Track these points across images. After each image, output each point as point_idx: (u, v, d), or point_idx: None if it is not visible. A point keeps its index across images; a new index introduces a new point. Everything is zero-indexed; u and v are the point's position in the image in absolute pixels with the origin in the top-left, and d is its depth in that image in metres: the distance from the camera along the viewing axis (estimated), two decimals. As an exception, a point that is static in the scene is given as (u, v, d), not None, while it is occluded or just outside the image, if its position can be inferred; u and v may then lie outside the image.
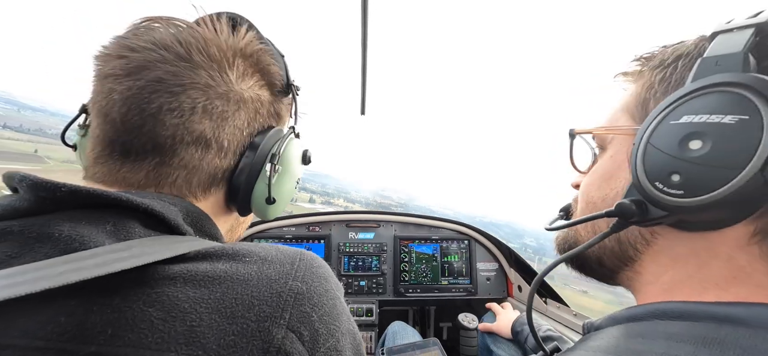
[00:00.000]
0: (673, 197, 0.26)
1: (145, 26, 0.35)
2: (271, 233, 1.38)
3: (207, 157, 0.37)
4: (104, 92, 0.33)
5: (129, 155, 0.34)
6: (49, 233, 0.27)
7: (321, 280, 0.33)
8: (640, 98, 0.33)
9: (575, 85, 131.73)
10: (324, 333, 0.30)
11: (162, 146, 0.34)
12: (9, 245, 0.26)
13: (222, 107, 0.36)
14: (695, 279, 0.29)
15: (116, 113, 0.33)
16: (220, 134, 0.37)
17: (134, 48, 0.33)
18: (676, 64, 0.31)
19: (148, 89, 0.32)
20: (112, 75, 0.33)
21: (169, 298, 0.25)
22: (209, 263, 0.29)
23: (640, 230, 0.32)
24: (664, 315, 0.28)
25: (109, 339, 0.23)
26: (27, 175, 0.29)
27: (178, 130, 0.34)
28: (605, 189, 0.35)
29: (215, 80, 0.35)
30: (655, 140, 0.28)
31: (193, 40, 0.35)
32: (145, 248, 0.27)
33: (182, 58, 0.34)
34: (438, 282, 1.39)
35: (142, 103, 0.33)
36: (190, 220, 0.35)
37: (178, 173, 0.36)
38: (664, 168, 0.27)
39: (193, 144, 0.35)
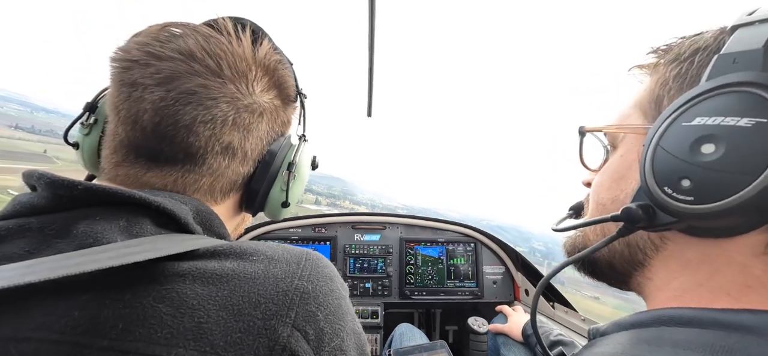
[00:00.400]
0: (683, 203, 0.25)
1: (168, 32, 0.35)
2: (278, 234, 1.39)
3: (232, 164, 0.40)
4: (132, 99, 0.34)
5: (157, 160, 0.36)
6: (68, 229, 0.28)
7: (326, 280, 0.33)
8: (654, 94, 0.32)
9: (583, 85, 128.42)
10: (329, 333, 0.31)
11: (194, 155, 0.36)
12: (27, 241, 0.27)
13: (248, 118, 0.39)
14: (706, 287, 0.28)
15: (147, 121, 0.34)
16: (245, 143, 0.40)
17: (161, 57, 0.34)
18: (692, 59, 0.29)
19: (181, 101, 0.34)
20: (141, 84, 0.33)
21: (178, 295, 0.26)
22: (217, 261, 0.29)
23: (650, 235, 0.31)
24: (671, 321, 0.28)
25: (121, 333, 0.24)
26: (45, 173, 0.30)
27: (210, 141, 0.36)
28: (615, 190, 0.34)
29: (242, 93, 0.37)
30: (665, 143, 0.27)
31: (222, 52, 0.36)
32: (156, 244, 0.28)
33: (213, 71, 0.35)
34: (444, 284, 1.38)
35: (176, 114, 0.34)
36: (199, 219, 0.35)
37: (205, 180, 0.38)
38: (673, 173, 0.26)
39: (221, 153, 0.38)
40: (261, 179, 0.43)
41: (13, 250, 0.27)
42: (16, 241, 0.27)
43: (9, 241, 0.27)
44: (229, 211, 0.44)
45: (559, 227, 0.41)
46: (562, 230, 0.40)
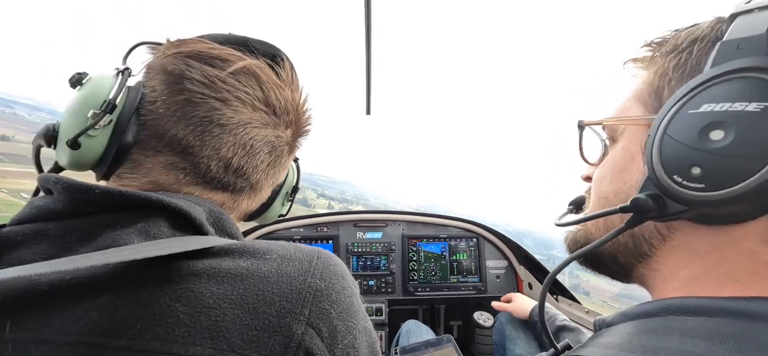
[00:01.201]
0: (693, 191, 0.25)
1: (250, 74, 0.38)
2: (280, 234, 1.39)
3: (270, 192, 0.48)
4: (220, 137, 0.37)
5: (226, 188, 0.40)
6: (91, 238, 0.29)
7: (339, 278, 0.33)
8: (653, 85, 0.32)
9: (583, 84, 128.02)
10: (342, 330, 0.31)
11: (256, 188, 0.43)
12: (44, 246, 0.27)
13: (287, 158, 0.46)
14: (714, 274, 0.28)
15: (233, 159, 0.38)
16: (282, 176, 0.48)
17: (247, 103, 0.38)
18: (691, 49, 0.30)
19: (262, 150, 0.40)
20: (231, 129, 0.37)
21: (194, 294, 0.26)
22: (231, 259, 0.30)
23: (656, 225, 0.31)
24: (678, 310, 0.27)
25: (139, 332, 0.24)
26: (61, 177, 0.30)
27: (270, 178, 0.44)
28: (618, 183, 0.34)
29: (287, 134, 0.44)
30: (672, 131, 0.27)
31: (286, 102, 0.42)
32: (172, 243, 0.28)
33: (283, 122, 0.42)
34: (447, 280, 1.39)
35: (254, 158, 0.40)
36: (212, 219, 0.36)
37: (254, 203, 0.46)
38: (683, 160, 0.26)
39: (271, 185, 0.46)
40: (272, 198, 0.52)
41: (30, 256, 0.27)
42: (33, 246, 0.27)
43: (25, 246, 0.27)
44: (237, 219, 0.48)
45: (562, 222, 0.41)
46: (566, 225, 0.40)
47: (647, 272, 0.33)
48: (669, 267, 0.31)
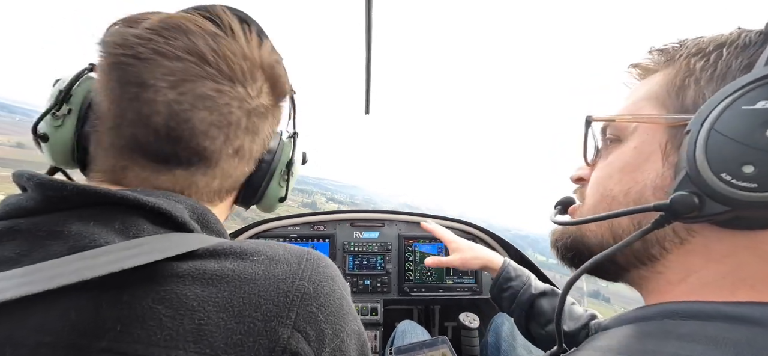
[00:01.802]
0: (744, 190, 0.24)
1: (173, 25, 0.33)
2: (276, 232, 1.38)
3: (240, 165, 0.40)
4: (142, 100, 0.32)
5: (168, 163, 0.35)
6: (59, 231, 0.27)
7: (328, 280, 0.33)
8: (674, 85, 0.31)
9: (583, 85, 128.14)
10: (330, 334, 0.31)
11: (208, 159, 0.36)
12: (17, 243, 0.27)
13: (257, 122, 0.39)
14: (728, 279, 0.27)
15: (161, 123, 0.32)
16: (252, 146, 0.40)
17: (169, 55, 0.32)
18: (720, 51, 0.29)
19: (196, 106, 0.33)
20: (151, 85, 0.32)
21: (178, 296, 0.26)
22: (217, 261, 0.29)
23: (675, 227, 0.29)
24: (676, 314, 0.27)
25: (119, 334, 0.24)
26: (35, 174, 0.30)
27: (224, 145, 0.36)
28: (628, 182, 0.32)
29: (251, 95, 0.37)
30: (721, 127, 0.25)
31: (232, 54, 0.35)
32: (156, 246, 0.28)
33: (225, 75, 0.34)
34: (443, 281, 1.39)
35: (191, 119, 0.33)
36: (196, 217, 0.35)
37: (216, 181, 0.39)
38: (734, 158, 0.24)
39: (233, 156, 0.38)
40: (261, 177, 0.45)
41: (4, 253, 0.26)
42: (7, 243, 0.27)
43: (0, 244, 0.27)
44: (226, 207, 0.45)
45: (563, 220, 0.39)
46: (578, 223, 0.36)
47: (648, 274, 0.32)
48: (677, 270, 0.30)
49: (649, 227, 0.29)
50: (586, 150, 0.39)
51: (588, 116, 0.38)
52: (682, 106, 0.30)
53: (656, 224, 0.28)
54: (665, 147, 0.30)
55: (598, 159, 0.39)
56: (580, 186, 0.42)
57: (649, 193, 0.30)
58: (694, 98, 0.29)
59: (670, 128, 0.30)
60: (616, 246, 0.30)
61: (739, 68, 0.27)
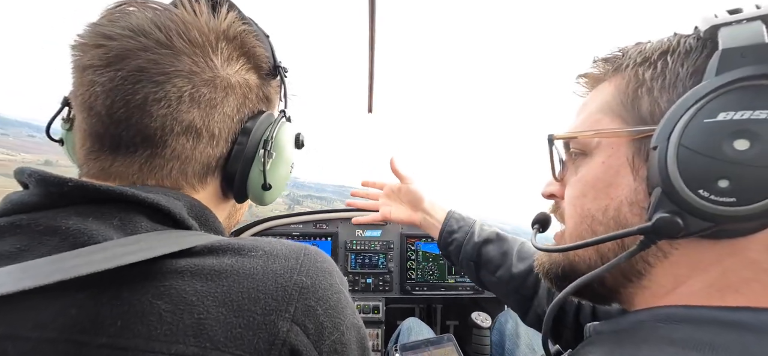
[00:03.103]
0: (723, 205, 0.24)
1: (120, 11, 0.33)
2: (278, 230, 1.39)
3: (199, 146, 0.36)
4: (85, 85, 0.32)
5: (119, 148, 0.34)
6: (57, 226, 0.27)
7: (325, 274, 0.33)
8: (627, 95, 0.31)
9: None
10: (329, 327, 0.31)
11: (152, 138, 0.33)
12: (18, 238, 0.27)
13: (209, 94, 0.35)
14: (715, 287, 0.27)
15: (100, 106, 0.32)
16: (209, 122, 0.36)
17: (111, 36, 0.31)
18: (665, 60, 0.29)
19: (130, 80, 0.31)
20: (91, 66, 0.31)
21: (177, 291, 0.26)
22: (215, 257, 0.29)
23: (660, 242, 0.29)
24: (668, 319, 0.27)
25: (120, 330, 0.24)
26: (36, 170, 0.30)
27: (167, 120, 0.33)
28: (603, 200, 0.32)
29: (199, 66, 0.34)
30: (689, 142, 0.25)
31: (172, 24, 0.33)
32: (153, 242, 0.28)
33: (163, 44, 0.32)
34: (445, 280, 1.39)
35: (126, 95, 0.31)
36: (194, 214, 0.35)
37: (172, 164, 0.35)
38: (707, 173, 0.24)
39: (183, 134, 0.35)
40: (236, 161, 0.39)
41: (5, 248, 0.26)
42: (8, 238, 0.27)
43: (0, 239, 0.27)
44: (212, 198, 0.41)
45: (552, 247, 0.38)
46: (564, 250, 0.36)
47: (635, 291, 0.32)
48: (663, 284, 0.30)
49: (635, 249, 0.29)
50: (554, 166, 0.39)
51: (550, 134, 0.37)
52: (639, 117, 0.30)
53: (642, 246, 0.28)
54: (633, 161, 0.30)
55: (566, 173, 0.39)
56: (554, 203, 0.42)
57: (626, 209, 0.30)
58: (650, 108, 0.29)
59: (633, 141, 0.30)
60: (603, 268, 0.31)
61: (687, 75, 0.28)
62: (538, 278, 0.36)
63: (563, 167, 0.39)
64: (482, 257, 0.68)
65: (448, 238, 0.72)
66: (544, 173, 0.41)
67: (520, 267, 0.63)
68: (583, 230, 0.34)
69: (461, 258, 0.70)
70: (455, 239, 0.71)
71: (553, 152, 0.38)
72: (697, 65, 0.28)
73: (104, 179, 0.35)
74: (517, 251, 0.65)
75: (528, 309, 0.62)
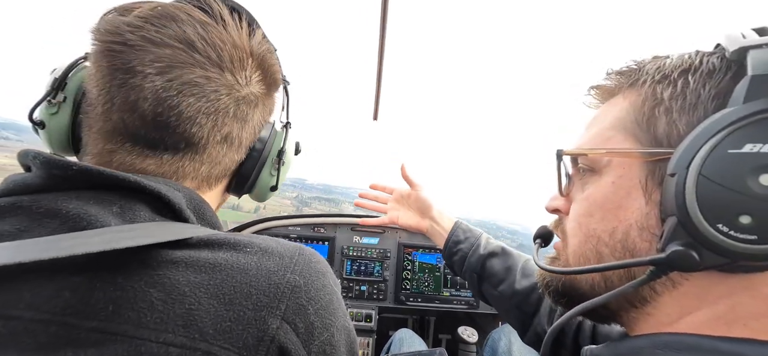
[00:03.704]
0: (743, 242, 0.23)
1: (164, 12, 0.34)
2: (276, 231, 1.39)
3: (229, 153, 0.41)
4: (129, 86, 0.32)
5: (156, 148, 0.36)
6: (57, 209, 0.28)
7: (319, 275, 0.33)
8: (643, 114, 0.30)
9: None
10: (319, 327, 0.31)
11: (196, 145, 0.37)
12: (19, 219, 0.27)
13: (245, 109, 0.39)
14: (722, 320, 0.26)
15: (148, 110, 0.33)
16: (242, 133, 0.40)
17: (158, 43, 0.32)
18: (686, 79, 0.28)
19: (184, 93, 0.33)
20: (139, 71, 0.32)
21: (170, 281, 0.26)
22: (210, 250, 0.30)
23: (671, 273, 0.28)
24: (667, 346, 0.27)
25: (110, 315, 0.24)
26: (40, 153, 0.30)
27: (212, 131, 0.37)
28: (612, 222, 0.31)
29: (240, 84, 0.37)
30: (710, 172, 0.24)
31: (221, 43, 0.35)
32: (150, 231, 0.28)
33: (214, 62, 0.35)
34: (440, 292, 1.37)
35: (178, 105, 0.34)
36: (192, 207, 0.35)
37: (204, 167, 0.39)
38: (728, 207, 0.23)
39: (221, 142, 0.39)
40: (252, 166, 0.45)
41: (5, 228, 0.27)
42: (9, 218, 0.27)
43: (1, 219, 0.27)
44: (217, 196, 0.45)
45: (560, 269, 0.36)
46: (573, 273, 0.34)
47: (638, 316, 0.31)
48: (668, 313, 0.29)
49: (644, 278, 0.28)
50: (561, 182, 0.38)
51: (558, 149, 0.36)
52: (655, 138, 0.29)
53: (652, 276, 0.27)
54: (646, 184, 0.29)
55: (572, 188, 0.38)
56: (557, 218, 0.41)
57: (635, 234, 0.29)
58: (668, 130, 0.28)
59: (647, 163, 0.29)
60: (609, 295, 0.30)
61: (709, 98, 0.26)
62: (541, 296, 0.36)
63: (570, 182, 0.38)
64: (486, 270, 0.68)
65: (453, 248, 0.72)
66: (548, 182, 0.40)
67: (524, 283, 0.62)
68: (588, 250, 0.33)
69: (465, 269, 0.70)
70: (460, 249, 0.71)
71: (560, 166, 0.37)
72: (721, 88, 0.26)
73: (131, 172, 0.35)
74: (521, 267, 0.65)
75: (528, 327, 0.61)
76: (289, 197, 61.14)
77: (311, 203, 11.57)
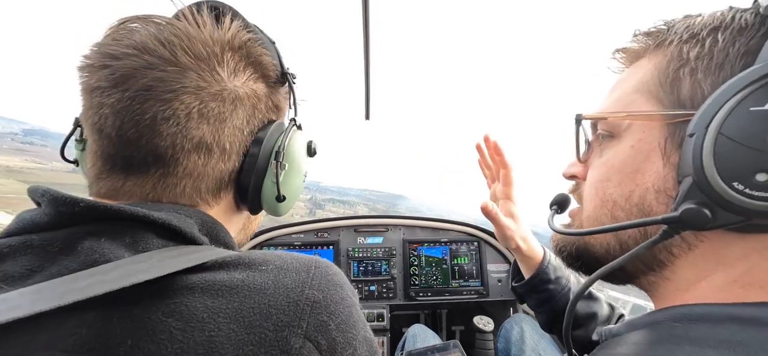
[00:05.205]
0: (758, 199, 0.22)
1: (124, 28, 0.33)
2: (280, 240, 1.38)
3: (210, 162, 0.36)
4: (94, 107, 0.32)
5: (131, 168, 0.34)
6: (72, 247, 0.27)
7: (337, 288, 0.33)
8: (667, 75, 0.29)
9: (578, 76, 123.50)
10: (341, 342, 0.30)
11: (163, 157, 0.33)
12: (29, 258, 0.27)
13: (218, 108, 0.34)
14: (739, 283, 0.26)
15: (110, 127, 0.32)
16: (220, 136, 0.35)
17: (116, 55, 0.31)
18: (715, 37, 0.26)
19: (138, 100, 0.31)
20: (98, 88, 0.31)
21: (188, 308, 0.26)
22: (226, 272, 0.29)
23: (685, 234, 0.28)
24: (684, 318, 0.27)
25: (130, 350, 0.24)
26: (49, 189, 0.30)
27: (177, 138, 0.33)
28: (628, 185, 0.30)
29: (206, 81, 0.33)
30: (729, 131, 0.23)
31: (176, 38, 0.32)
32: (165, 260, 0.28)
33: (168, 61, 0.32)
34: (448, 284, 1.38)
35: (134, 115, 0.31)
36: (205, 230, 0.35)
37: (185, 182, 0.35)
38: (746, 165, 0.23)
39: (194, 151, 0.34)
40: (249, 173, 0.39)
41: (15, 268, 0.26)
42: (19, 258, 0.27)
43: (11, 259, 0.27)
44: (226, 212, 0.41)
45: (569, 231, 0.37)
46: (585, 234, 0.34)
47: (657, 280, 0.31)
48: (686, 277, 0.29)
49: (657, 238, 0.27)
50: (579, 147, 0.37)
51: (578, 114, 0.35)
52: (678, 100, 0.28)
53: (665, 235, 0.27)
54: (665, 146, 0.28)
55: (590, 155, 0.37)
56: (575, 184, 0.40)
57: (652, 197, 0.29)
58: (691, 92, 0.27)
59: (668, 125, 0.28)
60: (624, 257, 0.29)
61: (738, 56, 0.25)
62: None
63: (588, 149, 0.38)
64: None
65: (539, 285, 0.65)
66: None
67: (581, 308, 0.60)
68: (603, 215, 0.33)
69: (545, 308, 0.65)
70: (548, 289, 0.64)
71: (579, 132, 0.36)
72: (751, 46, 0.25)
73: (115, 198, 0.35)
74: (603, 316, 0.61)
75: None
76: (302, 199, 61.03)
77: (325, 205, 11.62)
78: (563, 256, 0.38)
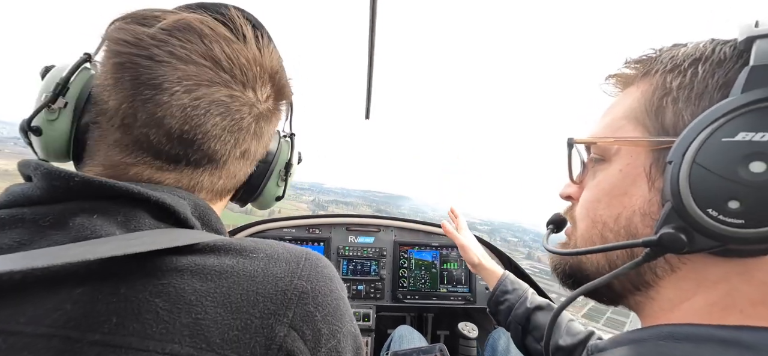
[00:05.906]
0: (731, 226, 0.24)
1: (188, 29, 0.33)
2: (271, 233, 1.37)
3: (244, 167, 0.41)
4: (155, 102, 0.32)
5: (178, 163, 0.35)
6: (64, 222, 0.27)
7: (326, 280, 0.33)
8: (652, 104, 0.30)
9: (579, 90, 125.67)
10: (326, 333, 0.31)
11: (217, 161, 0.37)
12: (19, 231, 0.27)
13: (263, 127, 0.40)
14: (719, 306, 0.27)
15: (175, 127, 0.33)
16: (257, 148, 0.41)
17: (185, 59, 0.32)
18: (695, 69, 0.28)
19: (211, 112, 0.34)
20: (167, 88, 0.31)
21: (176, 289, 0.26)
22: (216, 257, 0.29)
23: (668, 256, 0.29)
24: (669, 337, 0.27)
25: (114, 327, 0.24)
26: (41, 163, 0.29)
27: (233, 148, 0.37)
28: (616, 208, 0.32)
29: (259, 100, 0.38)
30: (704, 160, 0.25)
31: (245, 61, 0.36)
32: (156, 238, 0.28)
33: (238, 80, 0.35)
34: (436, 289, 1.38)
35: (205, 124, 0.34)
36: (197, 214, 0.35)
37: (222, 181, 0.39)
38: (718, 193, 0.24)
39: (239, 158, 0.39)
40: (261, 177, 0.46)
41: (4, 241, 0.26)
42: (8, 231, 0.26)
43: (1, 231, 0.26)
44: (223, 205, 0.45)
45: (561, 250, 0.38)
46: (570, 254, 0.36)
47: (643, 300, 0.32)
48: (669, 297, 0.30)
49: (640, 260, 0.29)
50: (572, 169, 0.39)
51: (570, 138, 0.37)
52: (662, 127, 0.29)
53: (647, 257, 0.28)
54: (650, 171, 0.30)
55: (585, 176, 0.39)
56: (570, 205, 0.41)
57: (638, 220, 0.30)
58: (674, 120, 0.28)
59: (653, 151, 0.30)
60: (610, 275, 0.31)
61: (716, 88, 0.26)
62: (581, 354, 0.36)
63: (584, 170, 0.39)
64: (531, 323, 0.70)
65: (500, 297, 0.76)
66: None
67: (567, 340, 0.63)
68: (594, 235, 0.34)
69: (510, 319, 0.73)
70: (508, 299, 0.75)
71: (571, 155, 0.38)
72: (728, 78, 0.26)
73: (150, 185, 0.34)
74: (566, 325, 0.66)
75: None
76: (306, 200, 60.93)
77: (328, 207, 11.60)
78: (557, 273, 0.39)
